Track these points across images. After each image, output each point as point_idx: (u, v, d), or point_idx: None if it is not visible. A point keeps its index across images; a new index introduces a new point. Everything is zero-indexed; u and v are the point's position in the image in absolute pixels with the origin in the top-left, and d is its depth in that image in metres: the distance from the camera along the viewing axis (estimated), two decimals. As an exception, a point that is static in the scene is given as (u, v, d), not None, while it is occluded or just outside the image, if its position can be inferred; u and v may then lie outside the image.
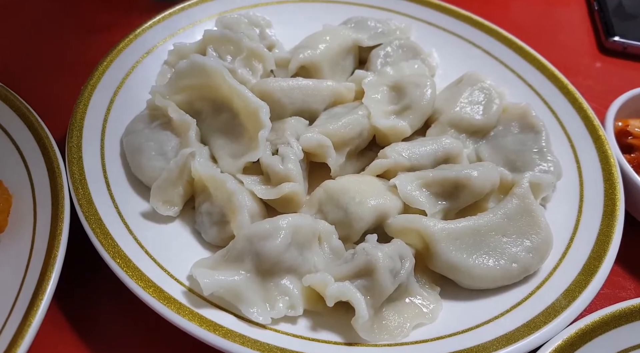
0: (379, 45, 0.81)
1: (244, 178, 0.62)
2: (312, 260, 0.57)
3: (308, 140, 0.64)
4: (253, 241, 0.54)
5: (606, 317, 0.53)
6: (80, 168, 0.61)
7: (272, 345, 0.50)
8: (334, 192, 0.61)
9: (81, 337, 0.56)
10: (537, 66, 0.80)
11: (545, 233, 0.59)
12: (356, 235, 0.60)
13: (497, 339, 0.52)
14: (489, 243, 0.58)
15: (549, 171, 0.66)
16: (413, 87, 0.71)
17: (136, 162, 0.63)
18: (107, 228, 0.56)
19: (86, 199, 0.58)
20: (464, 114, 0.71)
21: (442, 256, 0.57)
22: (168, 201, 0.61)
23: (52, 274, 0.51)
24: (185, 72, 0.66)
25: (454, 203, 0.62)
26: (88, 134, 0.64)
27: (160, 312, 0.51)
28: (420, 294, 0.57)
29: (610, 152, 0.69)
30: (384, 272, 0.53)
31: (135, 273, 0.53)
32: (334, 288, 0.52)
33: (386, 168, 0.64)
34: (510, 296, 0.57)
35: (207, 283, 0.51)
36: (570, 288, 0.56)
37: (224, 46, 0.75)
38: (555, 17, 1.05)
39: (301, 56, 0.75)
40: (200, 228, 0.61)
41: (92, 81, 0.69)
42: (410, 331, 0.54)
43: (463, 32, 0.86)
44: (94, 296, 0.59)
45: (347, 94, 0.73)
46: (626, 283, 0.65)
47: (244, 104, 0.64)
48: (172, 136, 0.65)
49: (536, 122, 0.71)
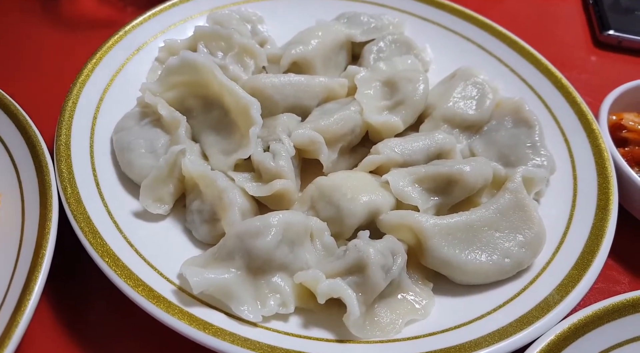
0: (372, 40, 0.80)
1: (235, 175, 0.62)
2: (304, 257, 0.56)
3: (300, 136, 0.64)
4: (243, 238, 0.54)
5: (599, 311, 0.52)
6: (69, 167, 0.60)
7: (262, 343, 0.49)
8: (326, 189, 0.61)
9: (70, 336, 0.55)
10: (531, 60, 0.80)
11: (538, 227, 0.59)
12: (348, 231, 0.59)
13: (489, 334, 0.51)
14: (481, 238, 0.58)
15: (542, 165, 0.66)
16: (406, 82, 0.70)
17: (126, 160, 0.63)
18: (96, 227, 0.56)
19: (75, 198, 0.57)
20: (457, 109, 0.71)
21: (434, 252, 0.56)
22: (158, 199, 0.61)
23: (40, 273, 0.51)
24: (175, 68, 0.66)
25: (447, 198, 0.62)
26: (77, 132, 0.64)
27: (150, 311, 0.50)
28: (413, 290, 0.56)
29: (604, 146, 0.69)
30: (375, 268, 0.52)
31: (124, 272, 0.52)
32: (325, 285, 0.52)
33: (379, 164, 0.64)
34: (503, 291, 0.57)
35: (197, 282, 0.51)
36: (564, 283, 0.56)
37: (215, 42, 0.75)
38: (550, 11, 1.04)
39: (293, 51, 0.74)
40: (191, 226, 0.60)
41: (81, 78, 0.68)
42: (402, 327, 0.53)
43: (457, 27, 0.86)
44: (83, 296, 0.58)
45: (340, 90, 0.72)
46: (620, 277, 0.65)
47: (235, 100, 0.64)
48: (162, 133, 0.65)
49: (530, 116, 0.70)
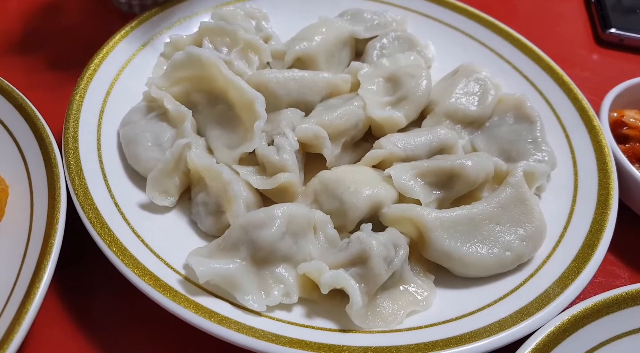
0: (375, 37, 0.81)
1: (240, 169, 0.62)
2: (307, 249, 0.57)
3: (304, 131, 0.64)
4: (248, 230, 0.54)
5: (598, 303, 0.53)
6: (77, 159, 0.61)
7: (267, 331, 0.50)
8: (329, 182, 0.61)
9: (78, 324, 0.56)
10: (533, 57, 0.80)
11: (539, 221, 0.60)
12: (351, 224, 0.60)
13: (490, 325, 0.52)
14: (482, 231, 0.58)
15: (544, 160, 0.66)
16: (408, 78, 0.71)
17: (132, 153, 0.64)
18: (104, 218, 0.56)
19: (82, 189, 0.58)
20: (460, 105, 0.71)
21: (436, 245, 0.57)
22: (164, 192, 0.62)
23: (49, 262, 0.52)
24: (181, 63, 0.66)
25: (449, 192, 0.63)
26: (84, 125, 0.65)
27: (157, 300, 0.51)
28: (415, 282, 0.57)
29: (605, 142, 0.69)
30: (378, 260, 0.53)
31: (132, 262, 0.53)
32: (328, 275, 0.52)
33: (381, 158, 0.65)
34: (504, 284, 0.57)
35: (203, 271, 0.52)
36: (564, 276, 0.56)
37: (220, 38, 0.75)
38: (553, 10, 1.05)
39: (297, 47, 0.75)
40: (197, 218, 0.61)
41: (88, 72, 0.69)
42: (404, 318, 0.54)
43: (459, 24, 0.86)
44: (90, 285, 0.59)
45: (343, 86, 0.73)
46: (620, 272, 0.66)
47: (240, 95, 0.64)
48: (168, 127, 0.66)
49: (531, 112, 0.71)
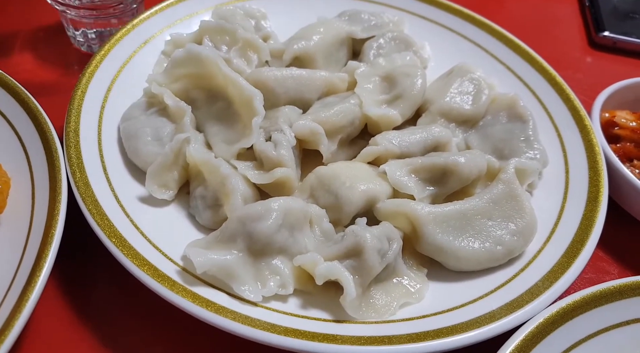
0: (372, 37, 0.82)
1: (238, 164, 0.63)
2: (303, 242, 0.58)
3: (301, 127, 0.65)
4: (245, 222, 0.55)
5: (587, 297, 0.54)
6: (78, 152, 0.62)
7: (263, 321, 0.51)
8: (325, 177, 0.63)
9: (77, 314, 0.57)
10: (527, 58, 0.82)
11: (530, 217, 0.61)
12: (346, 218, 0.61)
13: (480, 317, 0.53)
14: (474, 226, 0.60)
15: (535, 158, 0.68)
16: (404, 77, 0.72)
17: (132, 147, 0.65)
18: (104, 210, 0.57)
19: (83, 182, 0.59)
20: (454, 104, 0.73)
21: (428, 239, 0.58)
22: (163, 185, 0.63)
23: (50, 253, 0.53)
24: (181, 61, 0.68)
25: (442, 188, 0.64)
26: (85, 120, 0.66)
27: (155, 289, 0.52)
28: (408, 275, 0.58)
29: (596, 141, 0.71)
30: (371, 252, 0.54)
31: (131, 252, 0.54)
32: (323, 267, 0.53)
33: (377, 155, 0.66)
34: (495, 277, 0.59)
35: (200, 261, 0.53)
36: (553, 270, 0.58)
37: (219, 36, 0.77)
38: (547, 12, 1.07)
39: (295, 46, 0.76)
40: (195, 212, 0.62)
41: (90, 68, 0.70)
42: (397, 310, 0.55)
43: (455, 26, 0.88)
44: (90, 275, 0.60)
45: (340, 85, 0.74)
46: (610, 268, 0.67)
47: (239, 92, 0.65)
48: (168, 122, 0.67)
49: (524, 112, 0.72)
